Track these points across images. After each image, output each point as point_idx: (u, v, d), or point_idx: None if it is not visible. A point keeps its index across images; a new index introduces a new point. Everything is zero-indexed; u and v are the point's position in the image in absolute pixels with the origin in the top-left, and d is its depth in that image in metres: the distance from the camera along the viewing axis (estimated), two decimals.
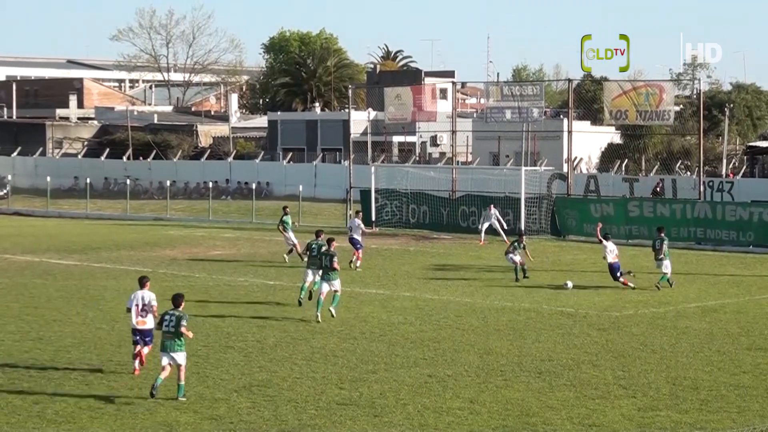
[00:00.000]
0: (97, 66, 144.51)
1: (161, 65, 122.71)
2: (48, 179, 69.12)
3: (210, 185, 66.39)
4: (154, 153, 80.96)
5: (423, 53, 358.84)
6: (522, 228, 47.05)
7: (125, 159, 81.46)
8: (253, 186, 65.36)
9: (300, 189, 61.08)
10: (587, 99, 71.45)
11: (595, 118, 66.57)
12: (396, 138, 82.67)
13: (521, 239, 37.37)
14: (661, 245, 34.83)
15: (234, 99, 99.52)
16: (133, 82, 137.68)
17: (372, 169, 56.89)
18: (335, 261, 28.73)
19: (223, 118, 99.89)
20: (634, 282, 34.66)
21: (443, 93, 79.14)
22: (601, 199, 53.15)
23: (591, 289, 34.34)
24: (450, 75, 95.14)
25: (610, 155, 72.56)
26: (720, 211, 47.22)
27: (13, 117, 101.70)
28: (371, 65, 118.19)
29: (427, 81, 77.64)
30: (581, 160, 71.09)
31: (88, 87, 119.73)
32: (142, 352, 22.05)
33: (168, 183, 68.08)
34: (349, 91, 72.01)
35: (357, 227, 41.62)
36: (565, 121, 60.07)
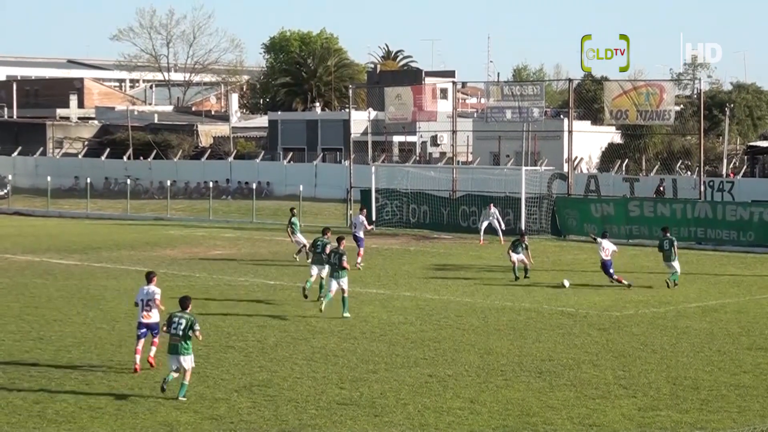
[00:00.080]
0: (98, 66, 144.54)
1: (162, 65, 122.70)
2: (48, 179, 69.12)
3: (210, 185, 66.39)
4: (154, 153, 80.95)
5: (423, 53, 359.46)
6: (523, 228, 47.07)
7: (126, 159, 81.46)
8: (254, 186, 65.35)
9: (300, 189, 61.06)
10: (588, 99, 71.39)
11: (596, 117, 66.54)
12: (396, 138, 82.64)
13: (523, 239, 37.34)
14: (671, 245, 34.89)
15: (234, 99, 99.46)
16: (134, 81, 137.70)
17: (372, 169, 56.86)
18: (344, 260, 28.93)
19: (224, 117, 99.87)
20: (628, 280, 34.71)
21: (444, 93, 79.03)
22: (602, 199, 53.11)
23: (591, 289, 34.35)
24: (450, 75, 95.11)
25: (610, 155, 72.52)
26: (720, 211, 47.22)
27: (14, 117, 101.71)
28: (372, 65, 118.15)
29: (428, 81, 77.58)
30: (582, 159, 71.07)
31: (88, 87, 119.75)
32: (154, 342, 22.40)
33: (168, 183, 68.07)
34: (350, 91, 71.91)
35: (360, 224, 41.70)
36: (566, 121, 60.05)
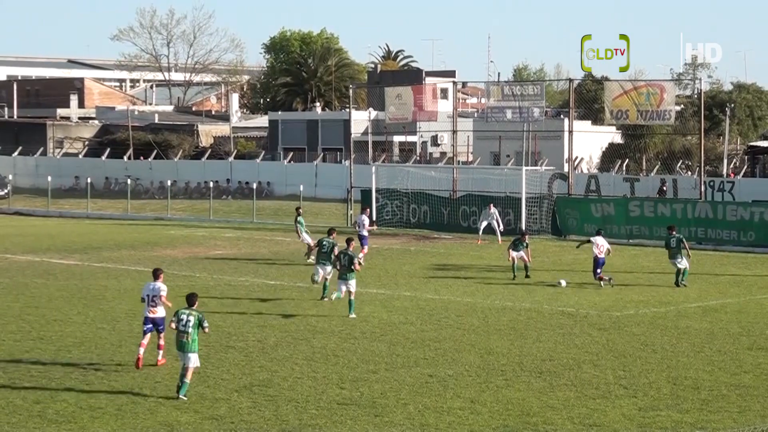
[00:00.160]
0: (98, 66, 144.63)
1: (162, 65, 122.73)
2: (49, 179, 69.14)
3: (211, 185, 66.42)
4: (154, 153, 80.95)
5: (424, 53, 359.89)
6: (523, 227, 47.06)
7: (126, 159, 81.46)
8: (254, 186, 65.39)
9: (301, 189, 61.09)
10: (588, 99, 71.39)
11: (596, 117, 66.56)
12: (397, 138, 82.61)
13: (523, 238, 37.33)
14: (679, 243, 34.90)
15: (235, 99, 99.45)
16: (134, 81, 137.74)
17: (373, 169, 56.86)
18: (356, 262, 29.07)
19: (224, 117, 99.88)
20: (608, 285, 34.59)
21: (444, 93, 79.01)
22: (602, 199, 53.11)
23: (591, 289, 34.34)
24: (451, 75, 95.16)
25: (610, 155, 72.54)
26: (721, 211, 47.23)
27: (14, 117, 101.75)
28: (372, 65, 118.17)
29: (428, 81, 77.63)
30: (582, 159, 71.09)
31: (88, 87, 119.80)
32: (160, 345, 22.53)
33: (169, 183, 68.08)
34: (350, 91, 71.97)
35: (362, 224, 41.74)
36: (566, 121, 60.04)
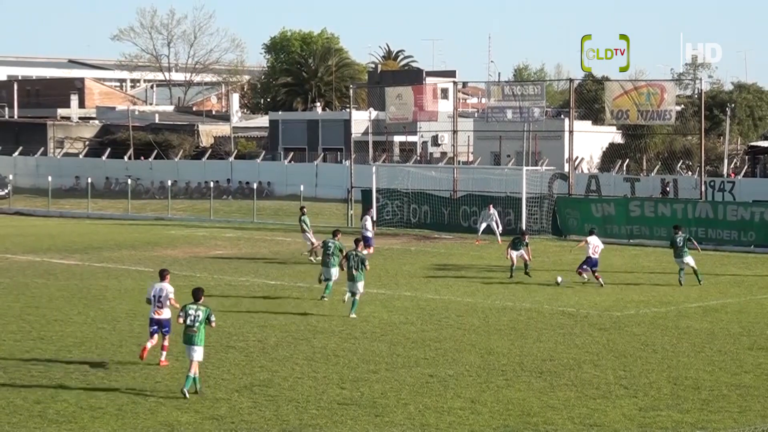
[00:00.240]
0: (99, 66, 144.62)
1: (162, 65, 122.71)
2: (49, 179, 69.13)
3: (211, 185, 66.41)
4: (155, 153, 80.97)
5: (424, 53, 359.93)
6: (524, 227, 47.04)
7: (126, 159, 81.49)
8: (255, 186, 65.39)
9: (301, 189, 61.09)
10: (588, 99, 71.40)
11: (597, 117, 66.54)
12: (397, 138, 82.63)
13: (524, 238, 37.35)
14: (684, 242, 34.95)
15: (235, 99, 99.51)
16: (135, 81, 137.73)
17: (373, 169, 56.82)
18: (366, 263, 29.29)
19: (225, 117, 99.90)
20: (582, 280, 35.03)
21: (444, 93, 78.98)
22: (603, 199, 53.12)
23: (592, 289, 34.33)
24: (451, 75, 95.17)
25: (611, 155, 72.57)
26: (721, 211, 47.22)
27: (15, 117, 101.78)
28: (372, 65, 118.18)
29: (429, 81, 77.72)
30: (582, 159, 71.11)
31: (89, 87, 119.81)
32: (164, 347, 22.57)
33: (169, 183, 68.08)
34: (351, 91, 72.04)
35: (365, 225, 41.84)
36: (566, 121, 60.06)
